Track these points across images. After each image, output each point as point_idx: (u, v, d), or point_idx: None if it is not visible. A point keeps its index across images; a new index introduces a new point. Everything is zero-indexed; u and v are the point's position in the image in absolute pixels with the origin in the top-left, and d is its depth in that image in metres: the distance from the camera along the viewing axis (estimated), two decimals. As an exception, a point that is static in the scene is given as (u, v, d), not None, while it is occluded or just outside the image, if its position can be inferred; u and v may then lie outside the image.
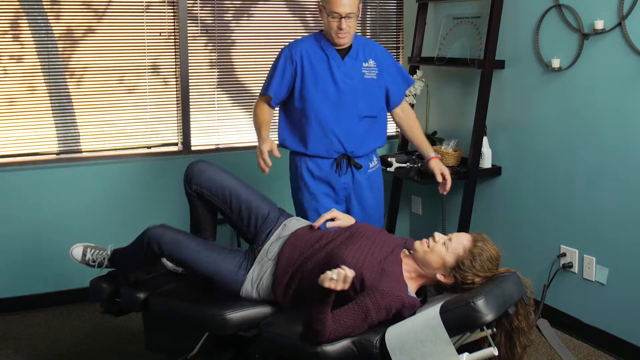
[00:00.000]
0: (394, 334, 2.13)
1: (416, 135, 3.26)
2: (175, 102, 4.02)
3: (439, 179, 3.18)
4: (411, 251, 2.39)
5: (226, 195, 2.59)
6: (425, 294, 2.44)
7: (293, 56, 3.04)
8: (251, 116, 4.18)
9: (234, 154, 4.11)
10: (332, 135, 3.03)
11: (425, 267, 2.35)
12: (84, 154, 3.85)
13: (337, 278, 2.07)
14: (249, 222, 2.59)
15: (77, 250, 2.76)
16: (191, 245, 2.48)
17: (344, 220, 2.60)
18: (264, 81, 3.06)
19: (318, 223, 2.54)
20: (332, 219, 2.57)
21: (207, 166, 2.63)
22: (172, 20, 3.93)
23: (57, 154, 3.80)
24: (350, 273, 2.09)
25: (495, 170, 3.87)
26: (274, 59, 3.13)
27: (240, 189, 2.61)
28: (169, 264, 2.77)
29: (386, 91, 3.14)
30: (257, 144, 2.98)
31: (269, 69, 4.21)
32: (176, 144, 4.04)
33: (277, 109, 3.16)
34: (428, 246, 2.34)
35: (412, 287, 2.34)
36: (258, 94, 4.21)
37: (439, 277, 2.34)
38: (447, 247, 2.33)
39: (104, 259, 2.72)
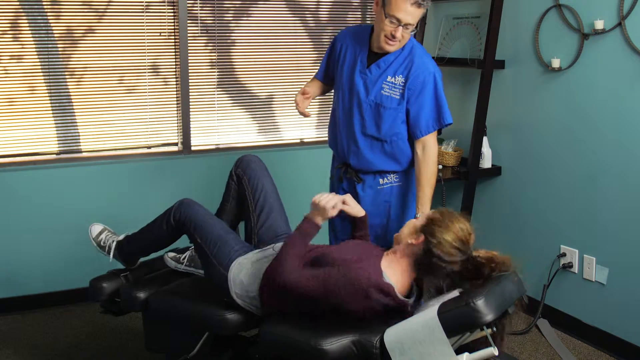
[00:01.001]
0: (392, 335, 2.13)
1: (418, 185, 2.75)
2: (175, 102, 4.02)
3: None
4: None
5: (258, 192, 2.67)
6: (419, 294, 2.41)
7: (336, 42, 2.88)
8: (251, 116, 4.20)
9: (234, 154, 4.10)
10: (340, 139, 2.88)
11: (401, 243, 2.32)
12: (84, 154, 3.85)
13: (331, 198, 2.29)
14: (261, 226, 2.63)
15: (95, 227, 2.83)
16: (212, 220, 2.57)
17: (354, 209, 2.54)
18: (264, 81, 3.07)
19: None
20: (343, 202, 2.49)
21: (258, 162, 2.75)
22: (172, 20, 3.93)
23: (57, 154, 3.80)
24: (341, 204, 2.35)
25: (495, 170, 3.87)
26: (274, 59, 3.09)
27: (271, 195, 2.68)
28: (171, 262, 2.76)
29: (407, 117, 2.74)
30: (257, 143, 2.98)
31: (269, 68, 4.24)
32: (176, 144, 4.04)
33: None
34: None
35: (397, 285, 2.28)
36: (258, 94, 4.26)
37: (410, 241, 2.27)
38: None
39: (112, 242, 2.76)
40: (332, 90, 3.01)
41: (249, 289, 2.38)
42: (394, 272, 2.28)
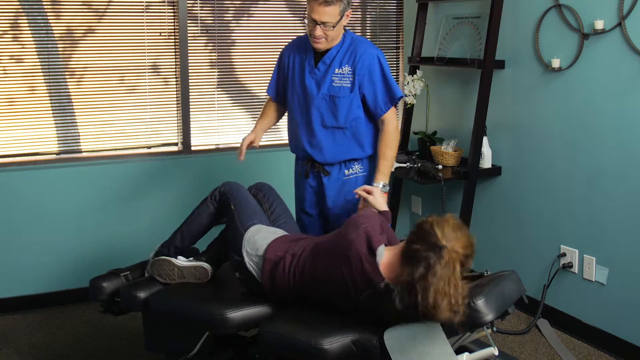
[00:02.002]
0: (392, 335, 2.13)
1: (379, 156, 2.92)
2: (175, 102, 4.02)
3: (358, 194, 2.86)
4: None
5: (274, 205, 2.85)
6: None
7: (283, 56, 3.04)
8: (251, 116, 4.19)
9: (234, 154, 4.09)
10: (300, 139, 2.99)
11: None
12: (84, 154, 3.85)
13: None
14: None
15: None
16: (251, 198, 2.75)
17: (377, 202, 2.69)
18: (264, 81, 3.11)
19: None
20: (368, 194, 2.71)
21: (271, 187, 2.94)
22: (172, 20, 3.93)
23: (57, 154, 3.80)
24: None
25: (495, 170, 3.87)
26: (274, 59, 3.14)
27: (286, 210, 2.86)
28: (210, 270, 2.72)
29: (364, 101, 2.91)
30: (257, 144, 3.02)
31: (269, 69, 4.24)
32: (176, 144, 4.04)
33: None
34: None
35: (385, 261, 2.27)
36: (258, 94, 4.26)
37: None
38: None
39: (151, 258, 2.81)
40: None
41: (259, 248, 2.49)
42: (388, 253, 2.26)
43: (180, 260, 2.67)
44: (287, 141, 4.33)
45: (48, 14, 3.70)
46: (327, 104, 2.89)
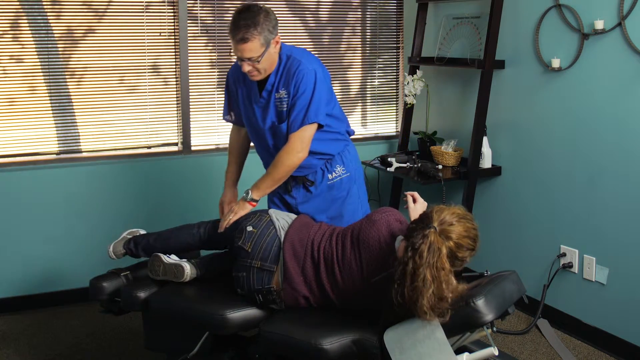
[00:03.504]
0: (392, 334, 2.13)
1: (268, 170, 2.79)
2: (175, 102, 4.02)
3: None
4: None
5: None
6: None
7: (229, 82, 2.90)
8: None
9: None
10: (264, 161, 2.90)
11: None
12: (84, 154, 3.85)
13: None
14: None
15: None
16: None
17: (416, 211, 2.53)
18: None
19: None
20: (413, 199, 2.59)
21: None
22: (172, 20, 3.93)
23: (57, 154, 3.80)
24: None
25: (495, 170, 3.87)
26: None
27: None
28: (189, 271, 2.68)
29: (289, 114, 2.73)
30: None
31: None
32: (176, 144, 4.04)
33: None
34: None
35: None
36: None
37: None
38: None
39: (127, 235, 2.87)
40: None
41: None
42: (402, 242, 2.27)
43: (168, 258, 2.67)
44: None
45: (48, 14, 3.70)
46: (276, 131, 2.77)
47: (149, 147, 3.99)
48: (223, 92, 3.04)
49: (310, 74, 2.68)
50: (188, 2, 3.94)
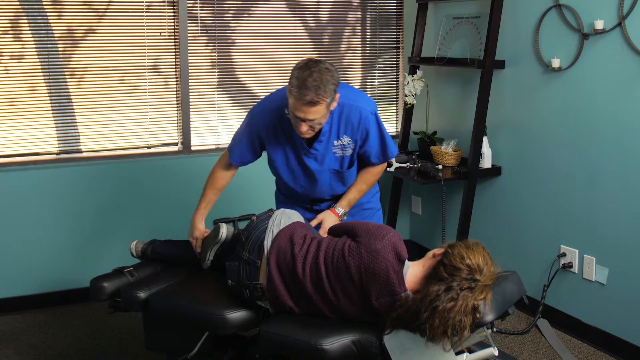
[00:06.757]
0: (392, 335, 2.13)
1: (353, 186, 2.80)
2: (175, 102, 4.02)
3: (314, 223, 2.74)
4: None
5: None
6: None
7: (259, 129, 2.68)
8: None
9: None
10: (299, 196, 2.82)
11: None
12: (84, 154, 3.85)
13: None
14: None
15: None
16: None
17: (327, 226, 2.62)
18: (264, 81, 2.95)
19: None
20: None
21: None
22: (172, 20, 3.93)
23: (57, 154, 3.80)
24: None
25: (495, 170, 3.87)
26: (274, 59, 3.04)
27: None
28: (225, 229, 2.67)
29: (365, 155, 2.74)
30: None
31: (269, 68, 4.23)
32: (176, 144, 4.05)
33: None
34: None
35: (409, 278, 2.29)
36: (258, 94, 4.24)
37: (435, 252, 2.27)
38: None
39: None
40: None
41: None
42: (412, 269, 2.28)
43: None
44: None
45: (48, 13, 3.70)
46: (334, 176, 2.73)
47: (149, 147, 3.99)
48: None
49: (376, 113, 2.67)
50: (188, 2, 3.94)
